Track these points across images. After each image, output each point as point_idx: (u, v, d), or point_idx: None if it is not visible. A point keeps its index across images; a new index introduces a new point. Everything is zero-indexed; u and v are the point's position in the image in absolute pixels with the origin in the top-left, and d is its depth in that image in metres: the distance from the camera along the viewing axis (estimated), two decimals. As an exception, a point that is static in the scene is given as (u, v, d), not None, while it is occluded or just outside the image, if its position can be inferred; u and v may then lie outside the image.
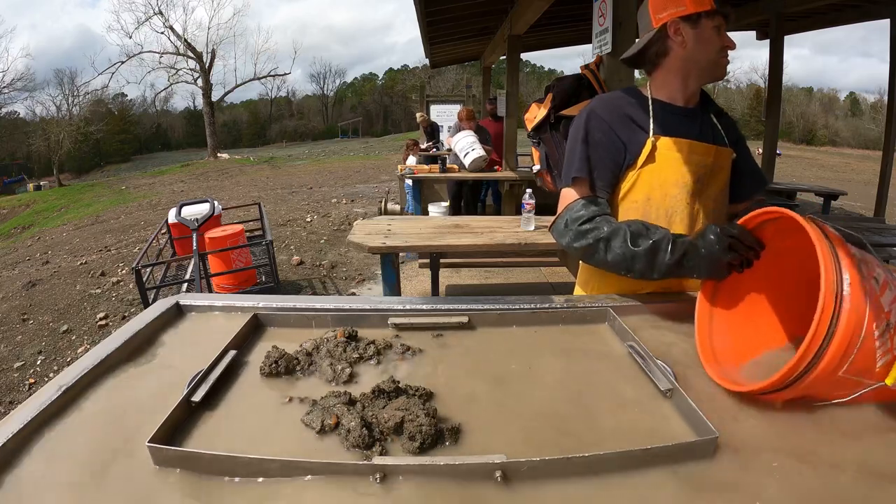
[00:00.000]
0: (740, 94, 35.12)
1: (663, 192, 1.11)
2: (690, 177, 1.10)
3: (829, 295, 0.63)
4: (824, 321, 0.63)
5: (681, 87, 1.13)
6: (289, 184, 12.47)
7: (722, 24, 1.07)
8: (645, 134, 1.10)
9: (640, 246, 0.97)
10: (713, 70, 1.11)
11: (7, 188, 22.78)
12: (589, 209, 1.08)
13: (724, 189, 1.18)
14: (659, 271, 0.97)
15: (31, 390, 3.00)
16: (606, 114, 1.13)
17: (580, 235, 1.06)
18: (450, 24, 6.20)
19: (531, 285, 4.17)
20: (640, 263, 0.98)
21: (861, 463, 0.59)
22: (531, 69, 41.75)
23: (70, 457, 0.59)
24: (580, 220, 1.07)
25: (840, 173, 16.50)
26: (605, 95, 1.22)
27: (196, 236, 3.04)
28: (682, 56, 1.10)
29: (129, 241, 7.01)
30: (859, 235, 0.75)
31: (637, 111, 1.13)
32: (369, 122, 41.27)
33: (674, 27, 1.08)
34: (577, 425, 0.66)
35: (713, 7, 1.05)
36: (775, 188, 5.41)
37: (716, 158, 1.13)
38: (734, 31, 6.70)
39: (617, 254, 1.00)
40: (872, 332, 0.63)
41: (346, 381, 0.75)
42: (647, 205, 1.12)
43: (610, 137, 1.11)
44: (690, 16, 1.05)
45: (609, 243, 1.01)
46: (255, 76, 30.64)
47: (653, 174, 1.11)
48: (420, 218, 3.94)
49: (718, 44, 1.07)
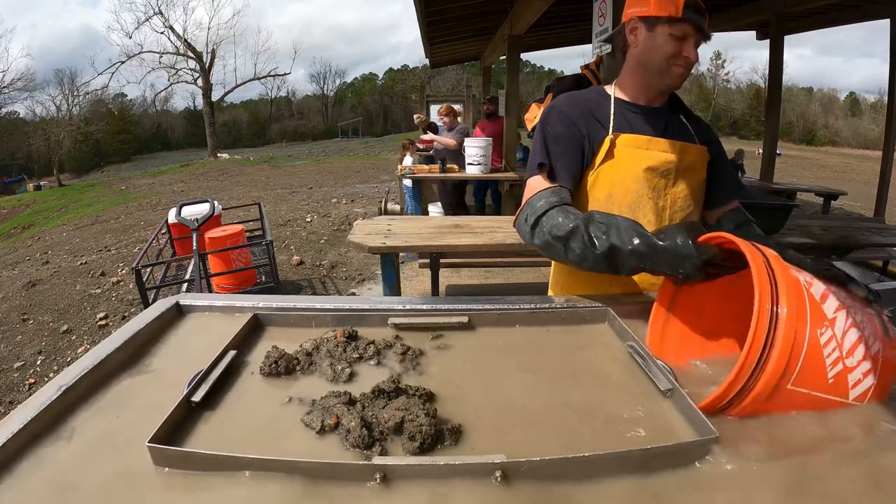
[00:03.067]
0: (740, 94, 35.11)
1: (624, 189, 1.10)
2: (653, 173, 1.09)
3: (763, 309, 0.64)
4: (759, 335, 0.64)
5: (640, 87, 1.12)
6: (289, 184, 12.47)
7: (688, 35, 1.03)
8: (605, 131, 1.10)
9: (599, 249, 0.93)
10: (661, 77, 1.07)
11: (7, 188, 22.77)
12: (550, 201, 1.04)
13: (697, 188, 1.16)
14: (624, 270, 0.93)
15: (31, 390, 3.00)
16: (567, 108, 1.13)
17: (539, 231, 1.03)
18: (450, 24, 6.20)
19: (531, 285, 4.16)
20: (600, 266, 0.95)
21: (861, 464, 0.59)
22: (531, 69, 41.75)
23: (70, 457, 0.59)
24: (539, 212, 1.04)
25: (840, 173, 16.51)
26: (570, 93, 1.21)
27: (196, 236, 3.04)
28: (635, 56, 1.10)
29: (129, 241, 7.01)
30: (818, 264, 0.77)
31: (599, 109, 1.13)
32: (369, 122, 41.28)
33: (631, 25, 1.08)
34: (576, 425, 0.66)
35: (677, 15, 1.01)
36: (775, 188, 5.41)
37: (683, 155, 1.11)
38: (734, 32, 6.71)
39: (577, 254, 0.97)
40: (817, 341, 0.64)
41: (346, 381, 0.75)
42: (610, 201, 1.11)
43: (571, 130, 1.10)
44: (649, 17, 1.04)
45: (567, 243, 0.98)
46: (255, 76, 30.65)
47: (613, 171, 1.10)
48: (420, 218, 3.94)
49: (671, 52, 1.03)
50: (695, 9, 1.01)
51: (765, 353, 0.63)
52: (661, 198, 1.11)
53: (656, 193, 1.11)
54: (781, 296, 0.65)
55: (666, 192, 1.12)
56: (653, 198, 1.10)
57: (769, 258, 0.70)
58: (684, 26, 1.02)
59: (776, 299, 0.65)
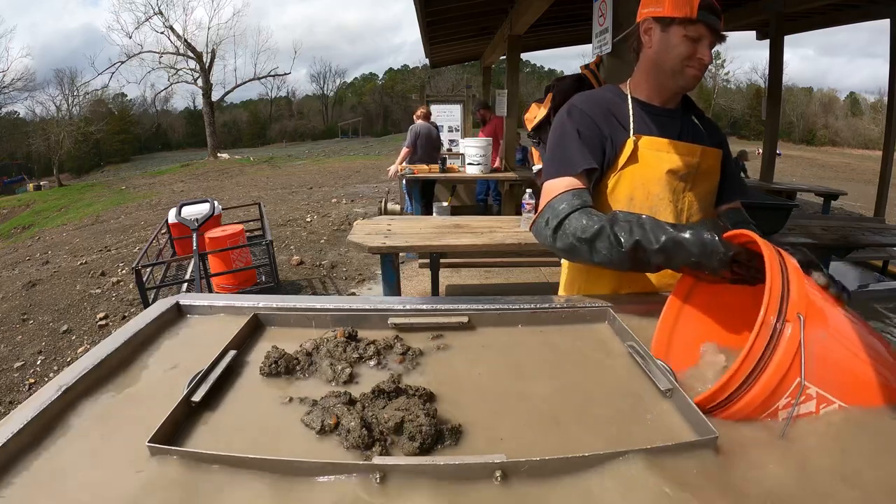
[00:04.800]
0: (740, 94, 35.12)
1: (646, 192, 1.10)
2: (674, 176, 1.09)
3: (767, 322, 0.64)
4: (757, 348, 0.63)
5: (654, 88, 1.12)
6: (289, 184, 12.47)
7: (703, 36, 1.02)
8: (626, 132, 1.09)
9: (625, 247, 0.92)
10: (675, 78, 1.06)
11: (7, 188, 22.77)
12: (572, 203, 1.02)
13: (712, 191, 1.17)
14: (650, 268, 0.93)
15: (31, 390, 3.00)
16: (588, 108, 1.11)
17: (563, 234, 1.01)
18: (450, 24, 6.20)
19: (531, 285, 4.17)
20: (626, 264, 0.95)
21: (862, 464, 0.59)
22: (531, 69, 41.73)
23: (70, 457, 0.59)
24: (561, 216, 1.01)
25: (840, 173, 16.52)
26: (587, 92, 1.19)
27: (196, 236, 3.04)
28: (649, 57, 1.09)
29: (129, 241, 7.02)
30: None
31: (618, 108, 1.12)
32: (369, 122, 41.26)
33: (646, 25, 1.07)
34: (576, 425, 0.66)
35: (692, 16, 1.00)
36: (775, 188, 5.41)
37: (702, 158, 1.11)
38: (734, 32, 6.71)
39: (603, 255, 0.96)
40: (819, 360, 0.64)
41: (346, 382, 0.75)
42: (631, 204, 1.11)
43: (593, 131, 1.09)
44: (663, 18, 1.03)
45: (593, 244, 0.96)
46: (255, 76, 30.65)
47: (635, 173, 1.10)
48: (420, 218, 3.94)
49: (685, 53, 1.02)
50: (710, 10, 1.00)
51: (760, 366, 0.63)
52: (680, 201, 1.11)
53: (675, 196, 1.11)
54: (791, 311, 0.64)
55: (684, 194, 1.12)
56: (672, 201, 1.10)
57: (788, 268, 0.69)
58: (699, 27, 1.01)
59: (784, 314, 0.64)
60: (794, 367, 0.63)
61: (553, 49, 9.84)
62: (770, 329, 0.64)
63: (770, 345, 0.63)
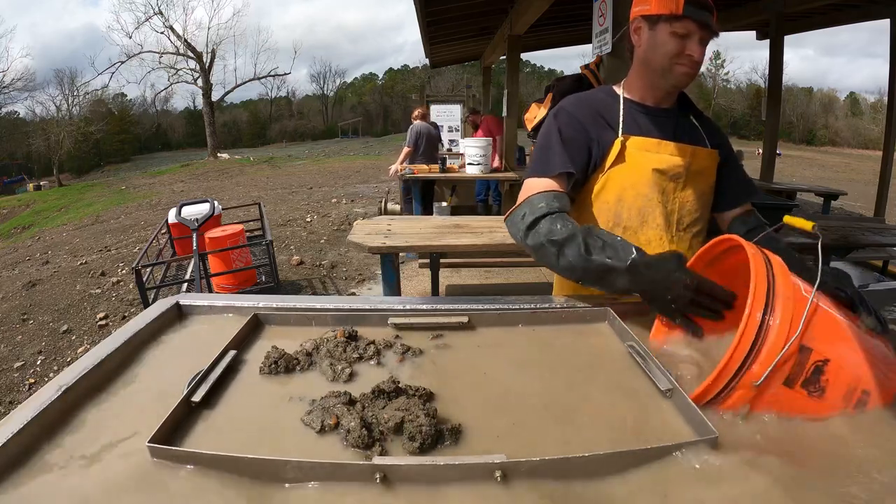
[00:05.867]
0: (740, 94, 35.12)
1: (635, 192, 1.09)
2: (663, 176, 1.08)
3: (753, 318, 0.64)
4: (744, 344, 0.64)
5: (646, 87, 1.11)
6: (289, 184, 12.47)
7: (692, 32, 1.00)
8: (614, 133, 1.09)
9: (594, 259, 0.92)
10: (666, 76, 1.05)
11: (7, 188, 22.78)
12: (551, 205, 1.02)
13: (706, 192, 1.15)
14: (614, 288, 0.93)
15: (31, 390, 3.00)
16: (576, 110, 1.11)
17: (535, 233, 1.01)
18: (450, 24, 6.21)
19: (531, 285, 4.17)
20: (591, 277, 0.95)
21: (862, 465, 0.59)
22: (531, 69, 41.74)
23: (70, 457, 0.59)
24: (538, 214, 1.01)
25: (840, 173, 16.51)
26: (579, 94, 1.19)
27: (196, 236, 3.04)
28: (639, 56, 1.08)
29: (129, 241, 7.02)
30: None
31: (607, 109, 1.11)
32: (369, 122, 41.30)
33: (635, 24, 1.07)
34: (576, 425, 0.66)
35: (677, 12, 0.98)
36: (775, 188, 5.41)
37: (693, 159, 1.10)
38: (734, 32, 6.71)
39: (569, 261, 0.96)
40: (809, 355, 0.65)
41: (346, 381, 0.75)
42: (619, 205, 1.10)
43: (578, 133, 1.09)
44: (651, 16, 1.02)
45: (563, 248, 0.96)
46: (255, 76, 30.67)
47: (623, 174, 1.09)
48: (420, 218, 3.94)
49: (673, 50, 1.01)
50: (698, 5, 0.98)
51: (747, 362, 0.64)
52: (671, 202, 1.11)
53: (665, 197, 1.10)
54: (777, 306, 0.65)
55: (675, 195, 1.11)
56: (662, 202, 1.09)
57: (773, 265, 0.69)
58: (686, 23, 0.99)
59: (771, 308, 0.65)
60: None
61: (553, 49, 9.85)
62: (757, 322, 0.64)
63: (759, 336, 0.64)
